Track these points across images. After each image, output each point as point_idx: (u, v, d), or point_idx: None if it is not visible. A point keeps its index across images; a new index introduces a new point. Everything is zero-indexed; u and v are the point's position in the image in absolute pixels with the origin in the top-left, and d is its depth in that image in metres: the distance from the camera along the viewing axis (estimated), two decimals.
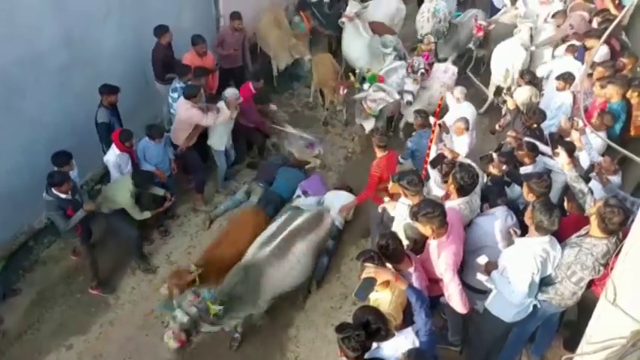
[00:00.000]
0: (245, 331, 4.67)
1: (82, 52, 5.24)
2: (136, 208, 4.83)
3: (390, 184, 4.16)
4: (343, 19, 7.05)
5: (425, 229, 3.28)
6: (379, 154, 4.87)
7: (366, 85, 6.03)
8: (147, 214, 4.93)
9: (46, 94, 5.00)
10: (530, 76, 5.92)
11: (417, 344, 2.92)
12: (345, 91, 6.47)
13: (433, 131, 4.81)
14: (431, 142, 4.91)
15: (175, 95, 5.74)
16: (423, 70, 6.16)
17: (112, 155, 5.04)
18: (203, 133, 5.79)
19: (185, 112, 5.36)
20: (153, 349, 4.63)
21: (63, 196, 4.40)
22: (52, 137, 5.05)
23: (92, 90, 5.17)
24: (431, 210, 3.19)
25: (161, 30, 5.81)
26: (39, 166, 4.69)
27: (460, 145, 5.09)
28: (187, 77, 5.68)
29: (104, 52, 5.53)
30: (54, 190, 4.36)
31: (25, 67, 4.71)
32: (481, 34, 7.08)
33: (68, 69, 5.13)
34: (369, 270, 2.96)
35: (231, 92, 5.66)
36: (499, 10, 8.13)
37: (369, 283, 2.93)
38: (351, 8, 7.04)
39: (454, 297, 3.26)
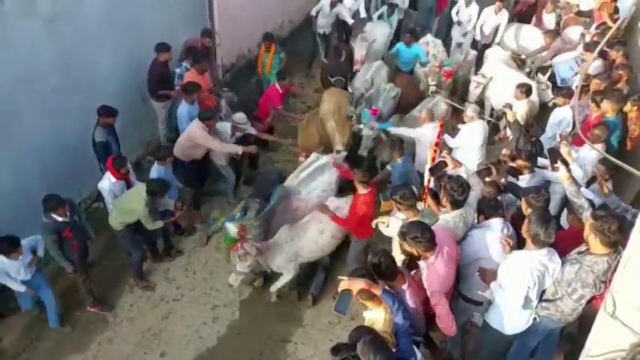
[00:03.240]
0: (243, 347, 4.64)
1: (77, 73, 5.29)
2: (150, 218, 4.79)
3: (383, 203, 4.16)
4: (357, 67, 6.85)
5: (412, 251, 3.31)
6: (361, 190, 4.51)
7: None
8: (159, 224, 4.92)
9: (40, 115, 5.02)
10: (526, 89, 5.92)
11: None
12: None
13: (436, 144, 4.80)
14: (434, 157, 4.90)
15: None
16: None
17: (107, 183, 4.95)
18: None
19: (195, 131, 5.40)
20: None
21: (60, 219, 4.40)
22: (46, 159, 5.08)
23: (86, 111, 5.21)
24: (419, 234, 3.20)
25: (161, 48, 5.90)
26: (31, 188, 4.72)
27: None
28: (193, 96, 5.74)
29: (99, 73, 5.58)
30: (51, 214, 4.36)
31: (19, 88, 4.75)
32: (450, 80, 6.90)
33: (62, 90, 5.16)
34: (343, 283, 3.04)
35: (239, 117, 5.75)
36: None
37: (346, 296, 3.01)
38: (360, 51, 6.95)
39: (441, 318, 3.25)
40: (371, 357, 2.59)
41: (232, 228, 4.60)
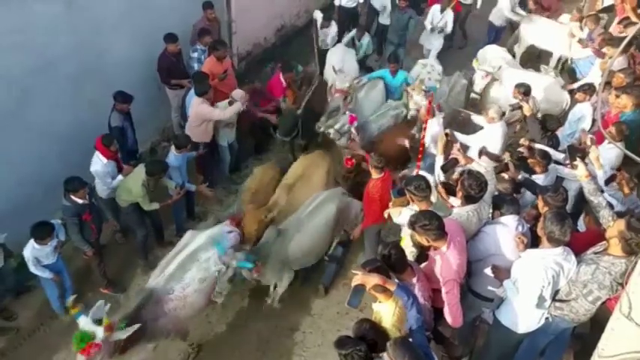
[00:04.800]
0: (251, 334, 4.69)
1: (94, 60, 5.32)
2: (146, 198, 4.82)
3: (392, 200, 4.13)
4: (337, 97, 5.88)
5: (421, 240, 3.29)
6: (375, 175, 4.56)
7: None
8: (155, 206, 4.94)
9: (58, 102, 5.07)
10: (524, 89, 5.40)
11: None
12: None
13: (445, 138, 4.74)
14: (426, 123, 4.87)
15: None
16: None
17: (99, 165, 4.83)
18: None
19: (197, 108, 5.45)
20: (162, 349, 4.63)
21: (80, 201, 4.47)
22: (63, 146, 5.12)
23: (103, 97, 5.24)
24: (427, 222, 3.18)
25: (168, 39, 5.88)
26: (50, 174, 4.76)
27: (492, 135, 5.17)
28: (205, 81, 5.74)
29: (115, 60, 5.60)
30: (71, 196, 4.43)
31: (37, 75, 4.78)
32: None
33: (79, 77, 5.21)
34: (357, 277, 2.99)
35: (237, 93, 5.73)
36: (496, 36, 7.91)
37: (360, 290, 2.97)
38: (342, 83, 5.99)
39: (450, 308, 3.24)
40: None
41: (89, 324, 3.51)
